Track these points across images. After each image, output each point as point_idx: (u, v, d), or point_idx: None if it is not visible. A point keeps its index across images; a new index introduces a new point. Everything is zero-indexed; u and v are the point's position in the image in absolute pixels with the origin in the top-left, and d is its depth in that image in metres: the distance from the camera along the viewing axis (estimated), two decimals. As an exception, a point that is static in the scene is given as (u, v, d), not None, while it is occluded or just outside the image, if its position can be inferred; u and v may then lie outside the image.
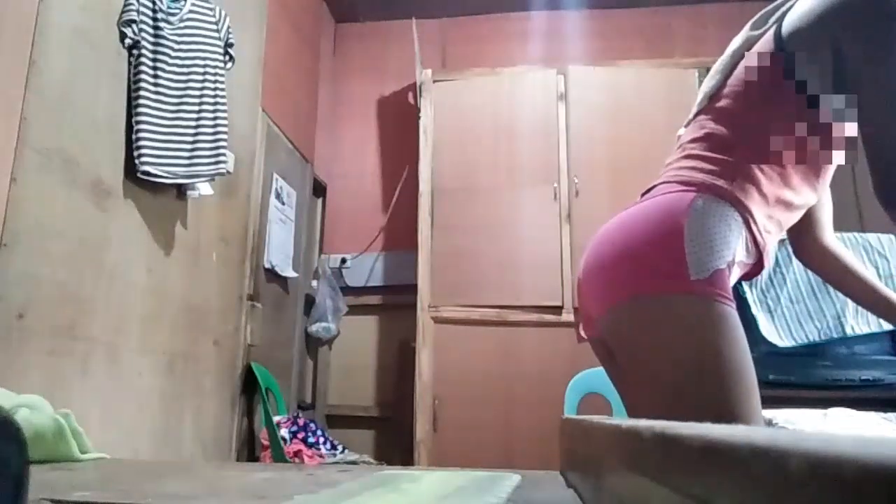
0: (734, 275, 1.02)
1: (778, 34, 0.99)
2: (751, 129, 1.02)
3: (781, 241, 2.17)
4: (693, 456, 0.23)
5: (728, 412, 0.90)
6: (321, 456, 2.87)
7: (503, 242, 3.15)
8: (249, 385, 2.78)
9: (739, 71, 1.05)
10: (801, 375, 2.10)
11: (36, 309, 1.60)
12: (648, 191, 1.09)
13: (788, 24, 0.98)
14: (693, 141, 1.08)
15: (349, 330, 3.72)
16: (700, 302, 0.93)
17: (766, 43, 1.01)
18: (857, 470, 0.13)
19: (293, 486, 0.66)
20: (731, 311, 0.95)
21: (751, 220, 1.00)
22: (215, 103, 2.19)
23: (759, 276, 2.16)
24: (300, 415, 3.16)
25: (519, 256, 3.12)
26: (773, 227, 1.06)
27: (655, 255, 0.98)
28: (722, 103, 1.06)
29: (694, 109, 1.13)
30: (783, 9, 1.02)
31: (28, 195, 1.58)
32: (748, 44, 1.05)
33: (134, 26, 1.96)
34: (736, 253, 0.99)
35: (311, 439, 2.93)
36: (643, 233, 1.00)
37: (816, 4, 0.95)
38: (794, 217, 1.10)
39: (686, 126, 1.13)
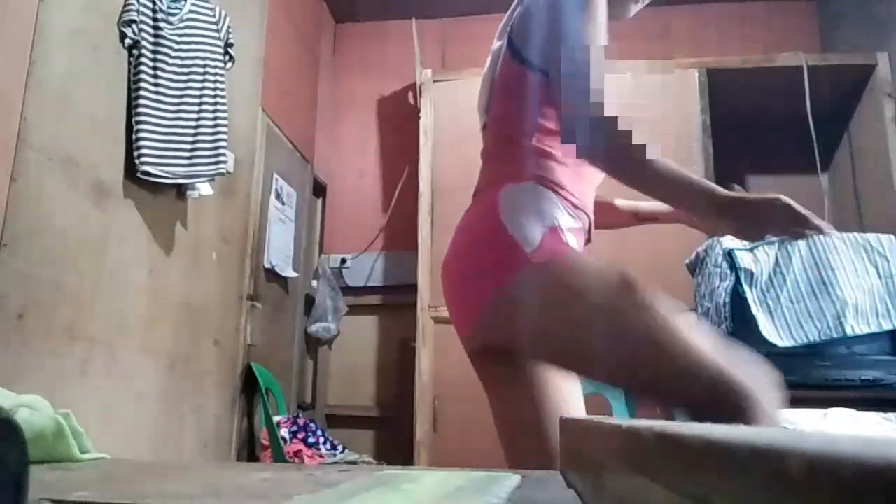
0: (572, 240, 1.12)
1: (510, 40, 1.19)
2: (523, 119, 1.18)
3: (782, 242, 2.18)
4: (693, 456, 0.23)
5: (640, 343, 0.96)
6: (321, 456, 2.87)
7: (503, 242, 3.14)
8: (249, 385, 2.77)
9: (497, 81, 1.23)
10: (801, 375, 2.10)
11: (36, 309, 1.60)
12: (475, 194, 1.24)
13: (515, 29, 1.19)
14: (488, 152, 1.26)
15: (349, 330, 3.72)
16: (545, 267, 1.03)
17: (506, 52, 1.20)
18: (857, 470, 0.13)
19: (293, 486, 0.66)
20: (572, 253, 1.07)
21: (557, 188, 1.13)
22: (215, 103, 2.19)
23: (760, 276, 2.16)
24: (300, 415, 3.16)
25: (519, 256, 3.11)
26: (587, 186, 1.20)
27: (491, 253, 1.09)
28: (495, 112, 1.24)
29: (480, 127, 1.32)
30: (513, 18, 1.21)
31: (28, 195, 1.58)
32: (496, 55, 1.25)
33: (134, 26, 1.96)
34: (559, 220, 1.10)
35: (311, 439, 2.93)
36: (474, 240, 1.15)
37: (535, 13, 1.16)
38: None
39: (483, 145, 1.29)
